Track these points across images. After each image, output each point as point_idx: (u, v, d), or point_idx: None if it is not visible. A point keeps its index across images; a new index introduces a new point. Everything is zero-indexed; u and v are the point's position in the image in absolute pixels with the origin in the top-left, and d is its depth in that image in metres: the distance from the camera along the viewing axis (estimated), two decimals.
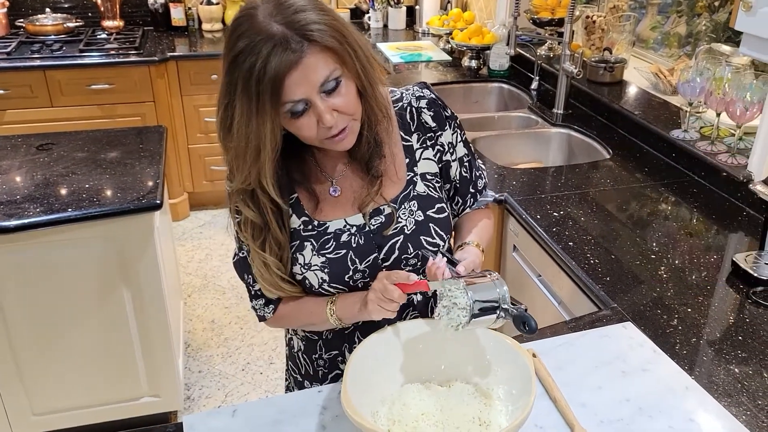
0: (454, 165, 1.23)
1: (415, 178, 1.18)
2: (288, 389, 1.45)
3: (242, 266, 1.20)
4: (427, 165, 1.20)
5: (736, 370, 1.24)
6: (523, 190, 1.96)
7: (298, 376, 1.37)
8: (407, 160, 1.18)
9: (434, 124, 1.20)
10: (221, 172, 3.77)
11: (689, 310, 1.41)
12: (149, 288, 2.11)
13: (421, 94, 1.20)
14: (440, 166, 1.21)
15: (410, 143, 1.19)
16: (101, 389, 2.23)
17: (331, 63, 0.98)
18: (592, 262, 1.58)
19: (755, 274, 1.49)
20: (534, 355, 1.21)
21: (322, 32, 0.96)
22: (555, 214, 1.81)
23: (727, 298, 1.47)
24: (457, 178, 1.24)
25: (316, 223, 1.15)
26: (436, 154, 1.20)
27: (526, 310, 0.99)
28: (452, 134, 1.21)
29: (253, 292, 1.22)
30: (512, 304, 1.01)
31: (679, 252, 1.64)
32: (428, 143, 1.20)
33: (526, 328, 0.97)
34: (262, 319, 1.25)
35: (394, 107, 1.18)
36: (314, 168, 1.17)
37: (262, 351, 2.82)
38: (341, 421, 1.10)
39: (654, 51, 2.97)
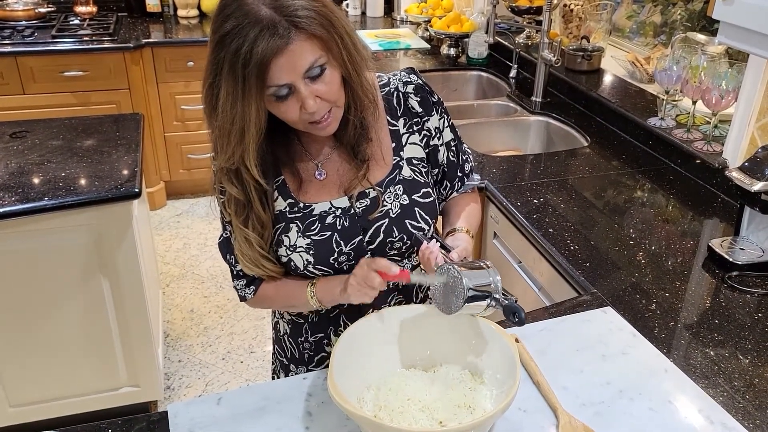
0: (442, 149, 1.24)
1: (401, 163, 1.19)
2: (274, 372, 1.46)
3: (226, 247, 1.21)
4: (414, 150, 1.21)
5: (712, 352, 1.27)
6: (503, 178, 1.97)
7: (284, 360, 1.38)
8: (393, 144, 1.19)
9: (421, 109, 1.20)
10: (198, 160, 3.76)
11: (667, 294, 1.44)
12: (128, 277, 2.09)
13: (408, 80, 1.21)
14: (427, 151, 1.22)
15: (397, 128, 1.20)
16: (80, 380, 2.21)
17: (317, 50, 0.98)
18: (572, 248, 1.60)
19: (730, 259, 1.53)
20: (517, 340, 1.22)
21: (309, 19, 0.96)
22: (535, 201, 1.83)
23: (704, 282, 1.50)
24: (445, 162, 1.25)
25: (301, 205, 1.16)
26: (422, 139, 1.21)
27: (516, 301, 1.01)
28: (439, 119, 1.22)
29: (235, 272, 1.23)
30: (503, 294, 1.02)
31: (656, 238, 1.67)
32: (415, 128, 1.21)
33: (516, 319, 0.99)
34: (243, 299, 1.25)
35: (381, 92, 1.19)
36: (300, 151, 1.18)
37: (242, 340, 2.81)
38: (327, 407, 1.10)
39: (629, 39, 3.00)
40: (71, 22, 3.57)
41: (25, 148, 2.17)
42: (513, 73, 2.89)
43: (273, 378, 1.47)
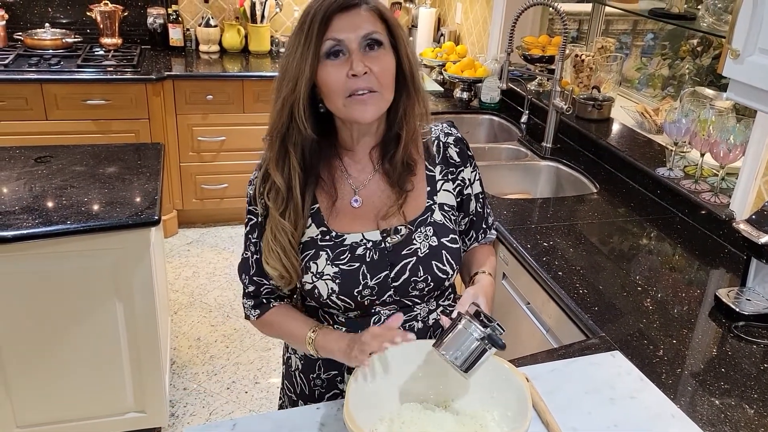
0: (473, 199, 1.31)
1: (433, 206, 1.24)
2: (281, 408, 1.47)
3: (243, 267, 1.29)
4: (446, 196, 1.27)
5: (717, 401, 1.29)
6: (514, 220, 2.02)
7: (293, 395, 1.39)
8: (428, 188, 1.25)
9: (458, 160, 1.28)
10: (211, 191, 3.83)
11: (674, 341, 1.47)
12: (142, 303, 2.12)
13: (449, 132, 1.29)
14: (459, 199, 1.29)
15: (433, 174, 1.26)
16: (87, 403, 2.23)
17: (379, 26, 1.10)
18: (580, 291, 1.63)
19: (737, 309, 1.56)
20: (527, 380, 1.25)
21: (382, 7, 1.10)
22: (544, 244, 1.87)
23: (710, 331, 1.53)
24: (473, 212, 1.32)
25: (334, 233, 1.20)
26: (456, 187, 1.28)
27: (492, 328, 1.04)
28: (471, 172, 1.30)
29: (246, 292, 1.30)
30: (484, 328, 1.03)
31: (663, 285, 1.70)
32: (450, 177, 1.27)
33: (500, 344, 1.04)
34: (246, 317, 1.33)
35: (423, 139, 1.26)
36: (341, 172, 1.23)
37: (247, 370, 2.83)
38: None
39: (637, 90, 3.07)
40: (96, 53, 3.68)
41: (49, 172, 2.23)
42: (524, 118, 2.96)
43: None
